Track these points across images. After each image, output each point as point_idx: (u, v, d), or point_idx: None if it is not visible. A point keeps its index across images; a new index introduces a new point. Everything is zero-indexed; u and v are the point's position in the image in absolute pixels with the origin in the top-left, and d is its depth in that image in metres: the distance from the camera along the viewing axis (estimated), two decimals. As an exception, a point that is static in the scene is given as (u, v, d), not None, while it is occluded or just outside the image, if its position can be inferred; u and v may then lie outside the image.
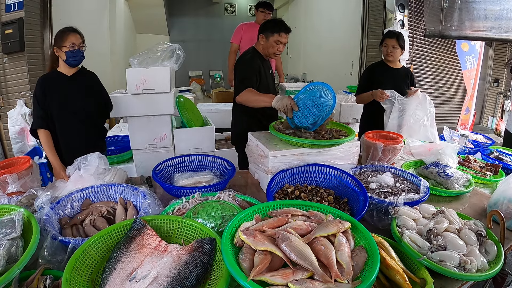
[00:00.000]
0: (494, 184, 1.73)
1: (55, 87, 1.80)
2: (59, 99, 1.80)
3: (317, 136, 1.60)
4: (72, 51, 1.76)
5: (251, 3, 8.97)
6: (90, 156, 1.46)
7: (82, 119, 1.87)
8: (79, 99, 1.85)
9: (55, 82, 1.81)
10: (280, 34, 1.95)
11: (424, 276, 0.93)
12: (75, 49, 1.77)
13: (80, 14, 4.61)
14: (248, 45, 3.46)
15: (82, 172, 1.41)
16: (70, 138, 1.85)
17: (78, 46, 1.79)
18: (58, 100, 1.80)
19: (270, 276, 0.77)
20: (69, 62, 1.79)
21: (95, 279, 0.87)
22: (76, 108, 1.84)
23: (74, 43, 1.76)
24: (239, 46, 3.68)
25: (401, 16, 3.88)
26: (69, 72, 1.84)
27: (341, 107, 3.39)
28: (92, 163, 1.44)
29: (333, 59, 5.72)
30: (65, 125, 1.84)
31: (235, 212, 1.14)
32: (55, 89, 1.80)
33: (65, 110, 1.82)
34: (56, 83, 1.81)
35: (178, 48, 2.24)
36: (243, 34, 3.60)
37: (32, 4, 3.07)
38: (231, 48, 3.70)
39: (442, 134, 2.45)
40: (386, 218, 1.25)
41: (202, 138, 2.44)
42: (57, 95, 1.80)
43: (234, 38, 3.64)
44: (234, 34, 3.65)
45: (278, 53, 2.03)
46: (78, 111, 1.85)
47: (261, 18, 3.44)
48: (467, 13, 3.45)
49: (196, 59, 8.53)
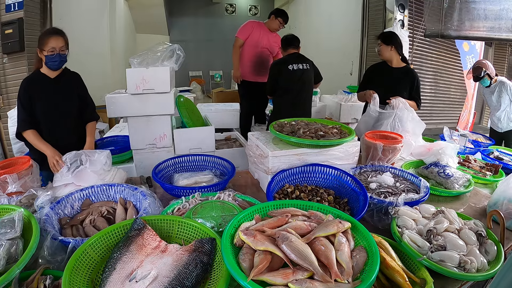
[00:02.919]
0: (494, 184, 1.73)
1: (39, 89, 1.80)
2: (43, 101, 1.80)
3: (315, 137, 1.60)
4: (51, 56, 1.73)
5: (251, 3, 8.96)
6: (99, 154, 1.47)
7: (67, 120, 1.87)
8: (63, 100, 1.85)
9: (38, 85, 1.80)
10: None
11: (424, 276, 0.93)
12: (54, 53, 1.73)
13: (80, 14, 4.61)
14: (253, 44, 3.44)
15: (88, 165, 1.41)
16: (57, 139, 1.83)
17: (59, 50, 1.73)
18: (42, 103, 1.79)
19: (270, 276, 0.77)
20: (49, 66, 1.77)
21: (95, 279, 0.87)
22: (61, 109, 1.84)
23: (54, 47, 1.71)
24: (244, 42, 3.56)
25: (401, 16, 3.88)
26: (52, 74, 1.83)
27: (341, 107, 3.39)
28: (100, 160, 1.45)
29: (333, 59, 5.71)
30: (51, 127, 1.83)
31: (235, 212, 1.14)
32: (39, 91, 1.79)
33: (50, 112, 1.81)
34: (40, 85, 1.80)
35: (178, 48, 2.23)
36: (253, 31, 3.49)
37: (32, 4, 3.07)
38: (235, 43, 3.57)
39: (442, 134, 2.45)
40: (386, 218, 1.25)
41: (202, 138, 2.44)
42: (41, 97, 1.79)
43: (241, 34, 3.51)
44: (241, 29, 3.52)
45: None
46: (63, 113, 1.85)
47: (275, 26, 3.43)
48: (467, 13, 3.45)
49: (196, 59, 8.52)
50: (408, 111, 2.10)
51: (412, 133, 2.04)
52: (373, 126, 2.23)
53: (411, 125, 2.07)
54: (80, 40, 4.59)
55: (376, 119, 2.23)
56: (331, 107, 3.54)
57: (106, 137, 2.88)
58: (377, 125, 2.20)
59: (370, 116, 2.23)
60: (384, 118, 2.15)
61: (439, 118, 4.98)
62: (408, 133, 2.03)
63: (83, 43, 4.65)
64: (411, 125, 2.07)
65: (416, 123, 2.08)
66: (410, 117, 2.09)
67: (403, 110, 2.10)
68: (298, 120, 1.88)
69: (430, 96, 4.83)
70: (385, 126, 2.12)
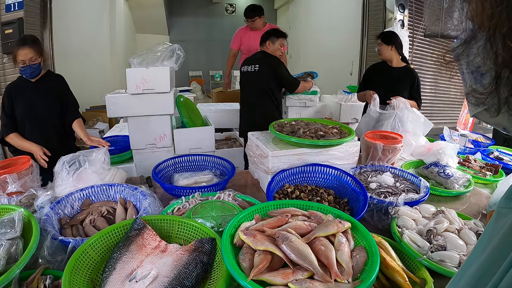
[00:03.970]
0: (494, 184, 1.73)
1: (21, 93, 1.82)
2: (24, 103, 1.81)
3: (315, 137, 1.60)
4: (22, 68, 1.74)
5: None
6: (96, 152, 1.46)
7: (49, 121, 1.89)
8: (43, 101, 1.86)
9: (20, 88, 1.82)
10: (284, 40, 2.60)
11: (424, 276, 0.93)
12: (25, 66, 1.73)
13: (80, 14, 4.61)
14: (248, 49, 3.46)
15: (87, 166, 1.41)
16: (40, 140, 1.84)
17: (29, 62, 1.72)
18: (23, 104, 1.81)
19: (270, 276, 0.77)
20: (24, 75, 1.79)
21: (95, 279, 0.87)
22: (40, 110, 1.85)
23: (23, 60, 1.71)
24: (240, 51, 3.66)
25: (401, 16, 3.88)
26: (33, 79, 1.84)
27: (341, 107, 3.38)
28: (99, 158, 1.45)
29: (333, 59, 5.71)
30: (34, 129, 1.85)
31: (235, 212, 1.14)
32: (21, 95, 1.81)
33: (33, 113, 1.83)
34: (22, 89, 1.82)
35: (178, 48, 2.23)
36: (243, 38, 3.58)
37: (32, 4, 3.07)
38: (229, 53, 3.69)
39: (442, 134, 2.45)
40: (386, 218, 1.25)
41: (202, 138, 2.44)
42: (23, 100, 1.81)
43: (233, 44, 3.63)
44: (233, 39, 3.64)
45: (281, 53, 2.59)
46: (43, 113, 1.86)
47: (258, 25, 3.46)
48: (467, 13, 3.45)
49: (196, 59, 8.53)
50: (408, 111, 2.10)
51: (412, 133, 2.04)
52: (373, 126, 2.23)
53: (412, 125, 2.07)
54: (80, 40, 4.60)
55: (377, 119, 2.22)
56: (331, 107, 3.54)
57: (106, 137, 2.88)
58: (377, 126, 2.20)
59: (371, 117, 2.23)
60: (385, 118, 2.15)
61: (439, 118, 4.98)
62: (409, 133, 2.02)
63: (83, 43, 4.66)
64: (411, 125, 2.07)
65: (422, 123, 2.08)
66: (411, 117, 2.08)
67: (404, 110, 2.10)
68: (298, 120, 1.88)
69: (430, 96, 4.83)
70: (386, 126, 2.12)
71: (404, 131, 2.03)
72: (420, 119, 2.10)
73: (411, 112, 2.10)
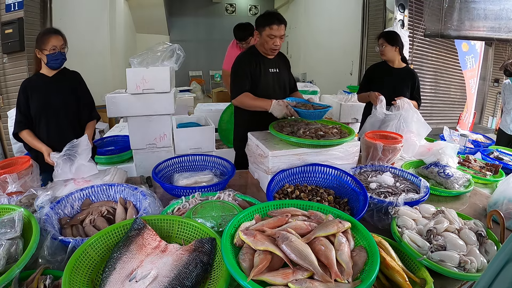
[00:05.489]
0: (494, 184, 1.73)
1: (37, 89, 1.80)
2: (41, 100, 1.80)
3: (315, 136, 1.60)
4: (53, 54, 1.74)
5: (251, 3, 8.97)
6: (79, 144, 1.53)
7: (65, 118, 1.87)
8: (61, 98, 1.84)
9: (36, 84, 1.81)
10: (272, 27, 1.80)
11: (424, 276, 0.93)
12: (56, 52, 1.74)
13: (80, 14, 4.61)
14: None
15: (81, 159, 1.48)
16: (54, 138, 1.83)
17: (60, 48, 1.75)
18: (39, 100, 1.80)
19: (270, 276, 0.77)
20: (50, 65, 1.77)
21: (95, 279, 0.87)
22: (56, 106, 1.83)
23: (55, 46, 1.73)
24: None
25: (401, 16, 3.89)
26: (50, 73, 1.83)
27: (341, 107, 3.39)
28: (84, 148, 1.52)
29: (333, 59, 5.72)
30: (48, 125, 1.83)
31: (235, 212, 1.14)
32: (37, 91, 1.80)
33: (48, 110, 1.82)
34: (38, 85, 1.81)
35: (178, 48, 2.23)
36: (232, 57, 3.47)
37: (32, 4, 3.07)
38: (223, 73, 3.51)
39: (442, 134, 2.45)
40: (386, 218, 1.25)
41: (202, 138, 2.44)
42: (39, 96, 1.79)
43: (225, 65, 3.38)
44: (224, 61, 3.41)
45: (275, 47, 1.88)
46: (61, 110, 1.85)
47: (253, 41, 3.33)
48: (466, 13, 3.45)
49: (196, 59, 8.54)
50: (412, 112, 2.10)
51: (416, 133, 2.04)
52: (379, 128, 2.22)
53: (416, 126, 2.06)
54: (80, 40, 4.60)
55: (382, 120, 2.22)
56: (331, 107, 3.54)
57: (106, 137, 2.88)
58: (383, 127, 2.19)
59: (377, 118, 2.22)
60: (390, 119, 2.15)
61: (439, 118, 4.99)
62: (413, 133, 2.02)
63: (83, 43, 4.65)
64: (415, 126, 2.06)
65: (421, 125, 2.08)
66: (415, 117, 2.08)
67: (408, 110, 2.10)
68: (298, 120, 1.88)
69: (430, 96, 4.83)
70: (391, 127, 2.12)
71: (409, 131, 2.03)
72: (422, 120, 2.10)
73: (416, 112, 2.11)
